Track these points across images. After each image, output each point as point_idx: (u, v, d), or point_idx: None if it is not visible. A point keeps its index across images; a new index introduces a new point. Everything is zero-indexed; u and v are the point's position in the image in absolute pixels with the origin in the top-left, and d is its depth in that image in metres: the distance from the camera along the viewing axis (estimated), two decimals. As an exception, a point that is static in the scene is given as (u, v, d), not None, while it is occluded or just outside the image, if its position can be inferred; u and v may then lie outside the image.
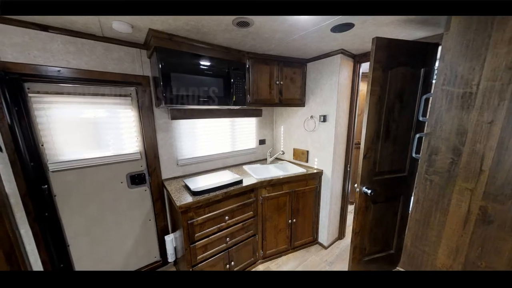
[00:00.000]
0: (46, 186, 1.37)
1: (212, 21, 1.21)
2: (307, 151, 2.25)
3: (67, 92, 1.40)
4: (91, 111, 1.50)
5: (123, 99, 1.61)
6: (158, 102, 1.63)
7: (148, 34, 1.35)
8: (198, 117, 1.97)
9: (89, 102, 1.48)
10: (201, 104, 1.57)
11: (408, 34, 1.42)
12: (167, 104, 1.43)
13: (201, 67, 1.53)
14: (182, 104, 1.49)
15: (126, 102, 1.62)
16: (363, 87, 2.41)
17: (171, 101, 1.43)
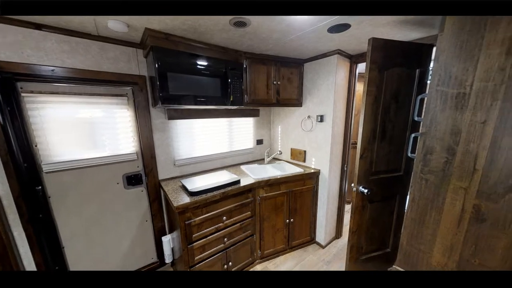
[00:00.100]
0: (40, 187, 1.35)
1: (209, 20, 1.21)
2: (305, 151, 2.25)
3: (62, 92, 1.38)
4: (86, 111, 1.48)
5: (119, 99, 1.59)
6: (154, 102, 1.62)
7: (144, 34, 1.34)
8: (195, 117, 1.96)
9: (84, 102, 1.47)
10: (198, 104, 1.56)
11: (404, 35, 1.44)
12: (164, 104, 1.43)
13: (198, 67, 1.52)
14: (179, 104, 1.48)
15: (122, 102, 1.61)
16: (360, 88, 2.43)
17: (167, 101, 1.42)
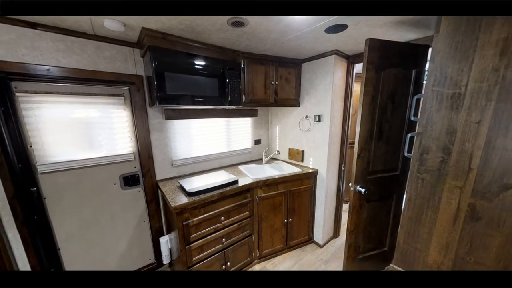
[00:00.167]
0: (35, 188, 1.33)
1: (207, 20, 1.20)
2: (302, 151, 2.26)
3: (57, 92, 1.36)
4: (82, 111, 1.46)
5: (116, 99, 1.58)
6: (152, 102, 1.60)
7: (141, 33, 1.33)
8: (193, 117, 1.95)
9: (80, 101, 1.45)
10: (196, 104, 1.56)
11: (400, 36, 1.45)
12: (161, 104, 1.42)
13: (195, 66, 1.51)
14: (177, 104, 1.47)
15: (119, 101, 1.59)
16: (357, 88, 2.44)
17: (165, 101, 1.41)
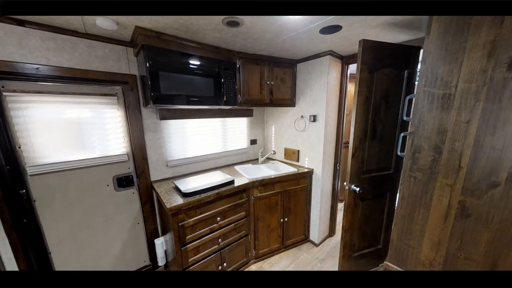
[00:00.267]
0: (24, 190, 1.29)
1: (202, 20, 1.19)
2: (298, 151, 2.27)
3: (47, 91, 1.32)
4: (74, 111, 1.43)
5: (109, 99, 1.55)
6: (146, 102, 1.58)
7: (135, 32, 1.31)
8: (188, 117, 1.93)
9: (71, 101, 1.41)
10: (191, 104, 1.54)
11: (393, 37, 1.48)
12: (155, 104, 1.40)
13: (190, 66, 1.50)
14: (171, 104, 1.46)
15: (112, 101, 1.56)
16: (351, 88, 2.48)
17: (159, 101, 1.40)
